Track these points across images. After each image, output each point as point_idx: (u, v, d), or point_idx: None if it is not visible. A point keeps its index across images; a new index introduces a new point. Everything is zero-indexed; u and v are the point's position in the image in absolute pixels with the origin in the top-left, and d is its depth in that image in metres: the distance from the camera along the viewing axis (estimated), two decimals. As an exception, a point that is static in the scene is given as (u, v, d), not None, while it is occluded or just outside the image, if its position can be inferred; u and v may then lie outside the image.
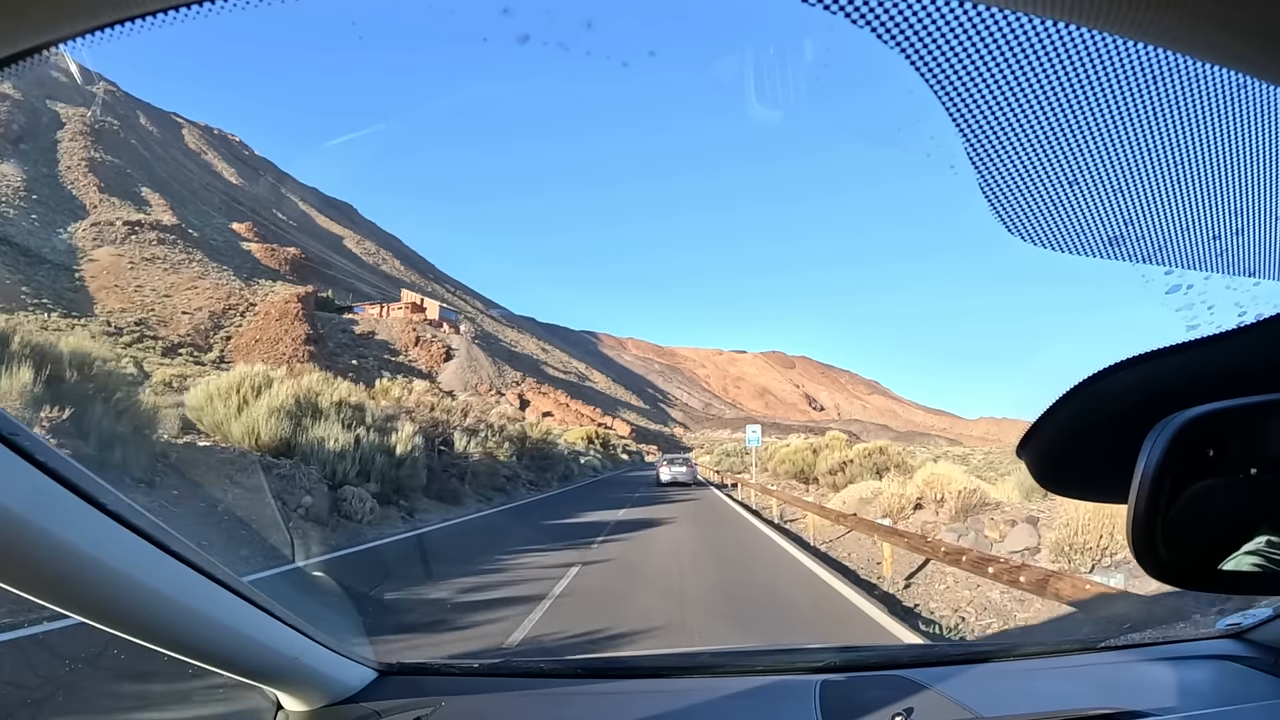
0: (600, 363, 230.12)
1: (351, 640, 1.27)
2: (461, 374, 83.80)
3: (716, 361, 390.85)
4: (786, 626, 5.33)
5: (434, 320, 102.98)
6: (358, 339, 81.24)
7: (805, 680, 1.29)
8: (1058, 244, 0.54)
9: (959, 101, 0.44)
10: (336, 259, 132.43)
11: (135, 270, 68.77)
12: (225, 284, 74.08)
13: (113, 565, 0.73)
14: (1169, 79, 0.43)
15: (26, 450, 0.64)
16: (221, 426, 10.83)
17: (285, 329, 62.42)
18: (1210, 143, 0.48)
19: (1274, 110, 0.46)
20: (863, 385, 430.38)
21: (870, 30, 0.40)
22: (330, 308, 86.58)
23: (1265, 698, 1.14)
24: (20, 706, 2.78)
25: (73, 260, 65.89)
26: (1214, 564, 0.57)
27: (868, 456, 18.27)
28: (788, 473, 22.57)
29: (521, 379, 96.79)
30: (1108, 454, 0.59)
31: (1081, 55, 0.42)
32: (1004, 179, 0.49)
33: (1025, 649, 1.49)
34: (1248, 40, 0.36)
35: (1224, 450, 0.54)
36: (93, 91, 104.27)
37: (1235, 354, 0.56)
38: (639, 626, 4.91)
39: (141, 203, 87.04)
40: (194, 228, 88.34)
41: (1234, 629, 1.34)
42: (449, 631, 4.88)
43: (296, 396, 11.69)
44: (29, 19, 0.42)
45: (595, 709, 1.29)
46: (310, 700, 1.14)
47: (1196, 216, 0.52)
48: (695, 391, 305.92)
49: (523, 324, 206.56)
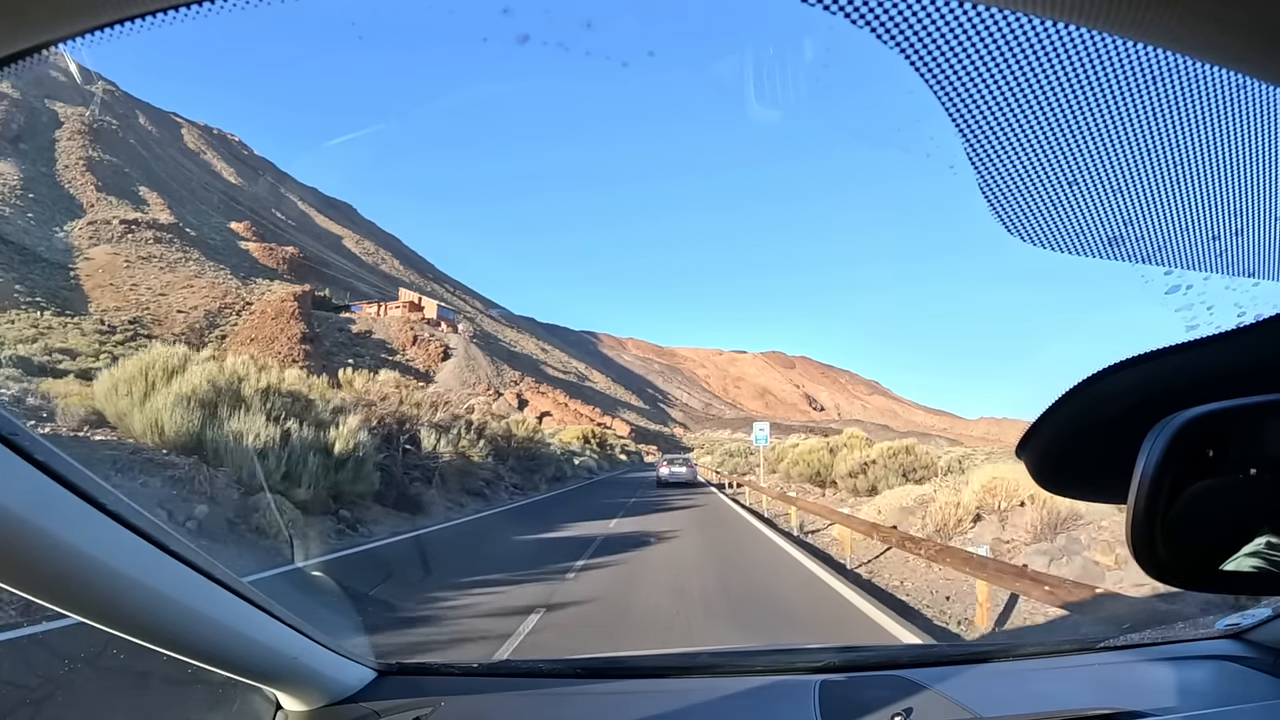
0: (600, 363, 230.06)
1: (350, 640, 1.26)
2: (459, 373, 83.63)
3: (716, 362, 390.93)
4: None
5: (432, 319, 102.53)
6: (355, 338, 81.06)
7: (805, 680, 1.29)
8: (1057, 244, 0.54)
9: (958, 102, 0.44)
10: (335, 258, 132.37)
11: (131, 269, 68.74)
12: (222, 283, 74.03)
13: (112, 565, 0.73)
14: (1169, 79, 0.43)
15: (25, 450, 0.64)
16: (125, 418, 9.19)
17: (281, 328, 62.34)
18: (1210, 143, 0.48)
19: (1274, 111, 0.46)
20: (863, 385, 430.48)
21: (870, 30, 0.40)
22: (327, 307, 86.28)
23: (1265, 698, 1.14)
24: (19, 706, 2.78)
25: (68, 258, 65.92)
26: (1213, 564, 0.57)
27: (893, 457, 16.09)
28: (801, 475, 20.22)
29: (520, 378, 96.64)
30: (1107, 454, 0.59)
31: (1081, 55, 0.42)
32: (1003, 179, 0.49)
33: (1024, 649, 1.49)
34: (1248, 40, 0.36)
35: (1224, 451, 0.54)
36: (91, 91, 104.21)
37: (1235, 354, 0.56)
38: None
39: (139, 202, 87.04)
40: (191, 227, 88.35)
41: (1233, 629, 1.34)
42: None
43: (214, 382, 9.92)
44: (29, 18, 0.42)
45: (595, 709, 1.29)
46: (309, 700, 1.14)
47: (1196, 217, 0.52)
48: (695, 392, 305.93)
49: (522, 324, 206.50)
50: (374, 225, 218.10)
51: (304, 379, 13.48)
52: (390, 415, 14.49)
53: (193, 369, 10.02)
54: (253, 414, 9.78)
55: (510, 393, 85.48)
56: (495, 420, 22.42)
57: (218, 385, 9.97)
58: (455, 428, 17.21)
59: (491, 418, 22.46)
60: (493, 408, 27.41)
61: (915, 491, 11.36)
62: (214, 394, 9.76)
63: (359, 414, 12.52)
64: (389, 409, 14.81)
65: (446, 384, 76.61)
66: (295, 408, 11.00)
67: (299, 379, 13.08)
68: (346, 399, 13.89)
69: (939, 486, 11.14)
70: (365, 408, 13.83)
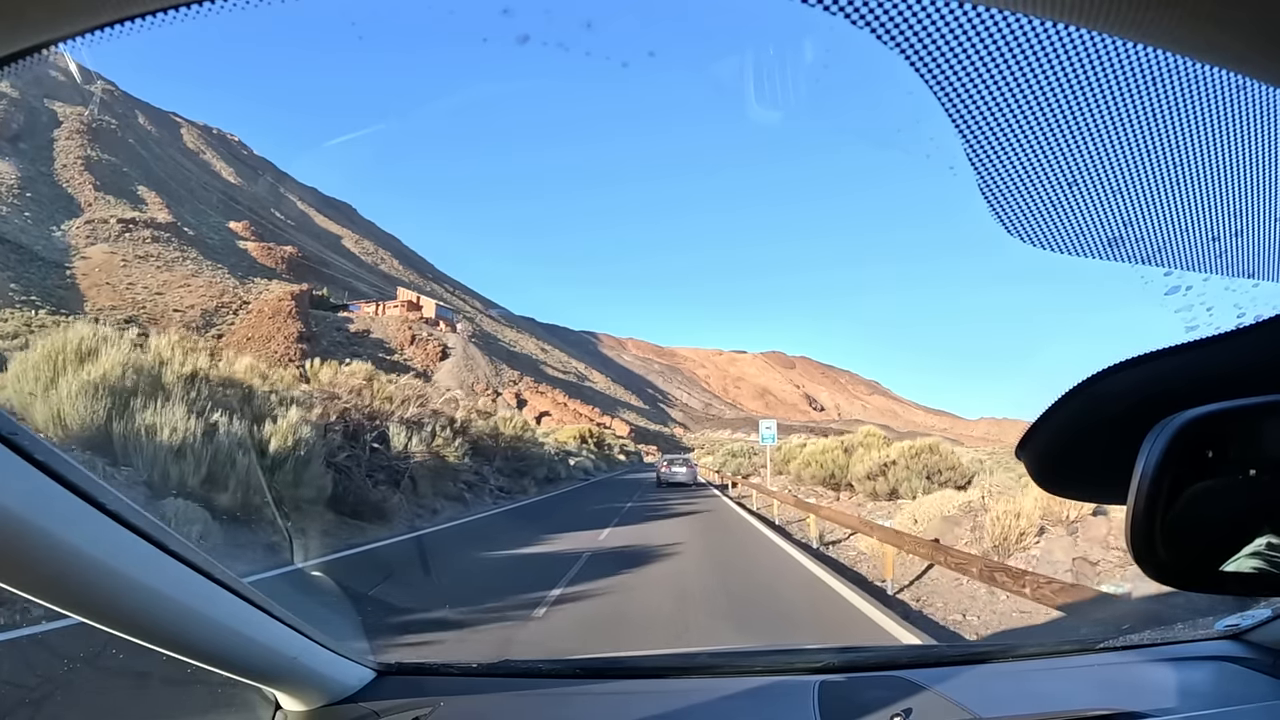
0: (600, 363, 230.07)
1: (350, 640, 1.26)
2: (458, 373, 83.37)
3: (716, 362, 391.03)
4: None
5: (430, 318, 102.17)
6: (352, 337, 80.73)
7: (804, 681, 1.29)
8: (1057, 245, 0.54)
9: (958, 102, 0.44)
10: (334, 258, 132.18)
11: (128, 268, 68.59)
12: (219, 282, 73.79)
13: (111, 565, 0.73)
14: (1168, 80, 0.43)
15: (25, 449, 0.64)
16: (29, 408, 8.12)
17: (278, 327, 62.18)
18: (1210, 144, 0.48)
19: (1274, 112, 0.46)
20: (863, 385, 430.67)
21: (870, 31, 0.40)
22: (325, 306, 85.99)
23: (1264, 699, 1.14)
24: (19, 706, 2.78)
25: (65, 257, 65.79)
26: (1212, 565, 0.57)
27: (915, 457, 14.52)
28: (813, 477, 18.53)
29: (519, 378, 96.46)
30: (1107, 455, 0.59)
31: (1081, 56, 0.42)
32: (1003, 180, 0.49)
33: (1024, 649, 1.49)
34: (1248, 41, 0.36)
35: (1223, 451, 0.54)
36: (91, 91, 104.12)
37: (1234, 355, 0.56)
38: None
39: (137, 201, 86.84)
40: (190, 226, 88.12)
41: (1233, 630, 1.34)
42: None
43: (131, 367, 8.56)
44: (28, 18, 0.42)
45: (594, 709, 1.29)
46: (309, 700, 1.14)
47: (1196, 218, 0.52)
48: (695, 392, 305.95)
49: (522, 324, 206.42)
50: (374, 225, 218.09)
51: (258, 369, 12.02)
52: (357, 409, 12.82)
53: (108, 352, 8.56)
54: (172, 404, 8.32)
55: (509, 392, 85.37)
56: (481, 417, 20.33)
57: (138, 370, 8.57)
58: (432, 424, 15.07)
59: (477, 415, 20.37)
60: (478, 404, 25.14)
61: (958, 498, 9.76)
62: (131, 381, 8.39)
63: (318, 408, 11.19)
64: (356, 403, 13.07)
65: (444, 383, 76.34)
66: (230, 399, 9.52)
67: (250, 368, 11.56)
68: (311, 392, 12.52)
69: (987, 491, 9.69)
70: (327, 401, 12.27)
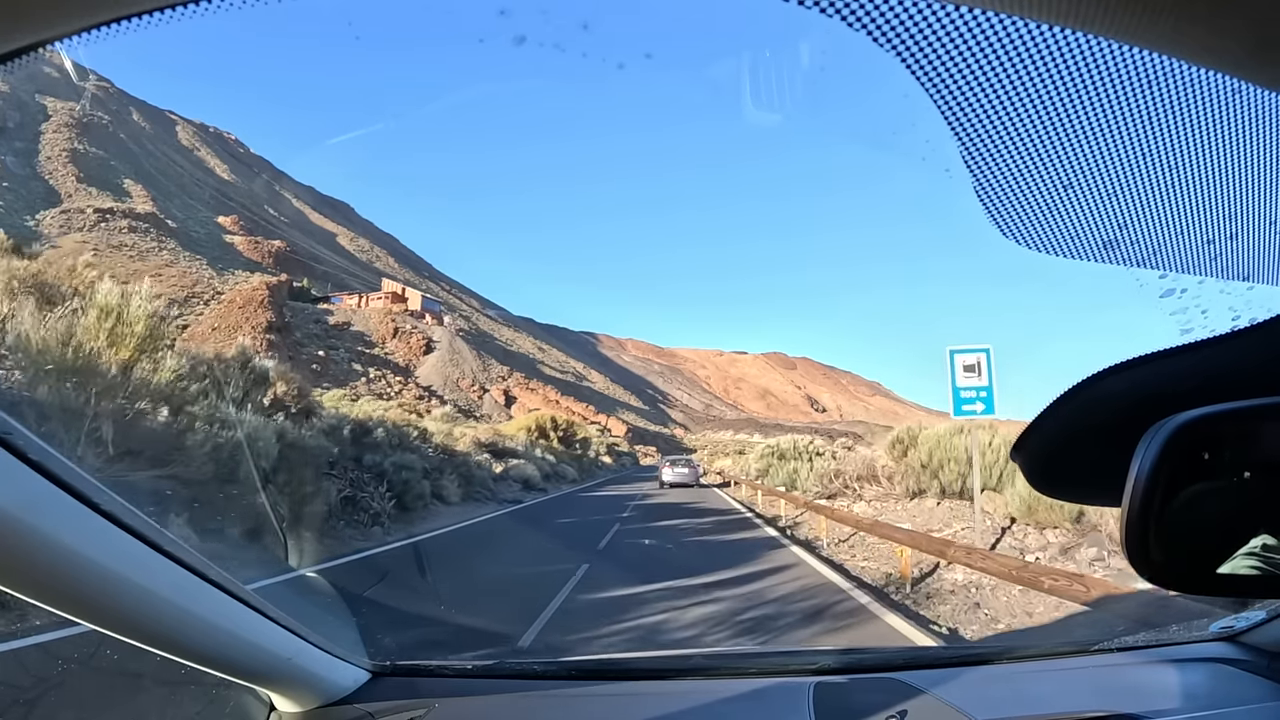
0: (599, 363, 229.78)
1: (345, 642, 1.26)
2: (442, 368, 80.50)
3: (717, 363, 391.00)
4: None
5: (416, 311, 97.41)
6: (331, 329, 77.39)
7: (800, 683, 1.29)
8: (1052, 247, 0.54)
9: (954, 105, 0.44)
10: (327, 254, 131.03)
11: (98, 257, 67.35)
12: (194, 273, 71.32)
13: (106, 565, 0.73)
14: (1164, 83, 0.43)
15: (20, 450, 0.63)
16: None
17: (247, 316, 59.47)
18: (1205, 147, 0.48)
19: (1269, 115, 0.46)
20: (864, 386, 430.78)
21: (866, 33, 0.40)
22: (306, 298, 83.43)
23: (1259, 700, 1.15)
24: (13, 706, 2.77)
25: (31, 246, 64.66)
26: (1207, 567, 0.57)
27: None
28: (907, 492, 10.94)
29: (508, 374, 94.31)
30: (1102, 457, 0.59)
31: (1077, 59, 0.42)
32: (998, 183, 0.49)
33: (1020, 652, 1.50)
34: (1243, 45, 0.36)
35: (1218, 454, 0.55)
36: (84, 87, 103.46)
37: (1229, 358, 0.56)
38: None
39: (121, 193, 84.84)
40: (174, 219, 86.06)
41: (1227, 632, 1.35)
42: None
43: None
44: (27, 16, 0.42)
45: (590, 710, 1.29)
46: (304, 701, 1.14)
47: (1191, 221, 0.52)
48: (696, 392, 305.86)
49: (520, 324, 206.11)
50: (371, 224, 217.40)
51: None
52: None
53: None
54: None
55: (497, 389, 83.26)
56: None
57: None
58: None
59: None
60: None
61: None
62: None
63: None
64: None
65: (428, 378, 75.00)
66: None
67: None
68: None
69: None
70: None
